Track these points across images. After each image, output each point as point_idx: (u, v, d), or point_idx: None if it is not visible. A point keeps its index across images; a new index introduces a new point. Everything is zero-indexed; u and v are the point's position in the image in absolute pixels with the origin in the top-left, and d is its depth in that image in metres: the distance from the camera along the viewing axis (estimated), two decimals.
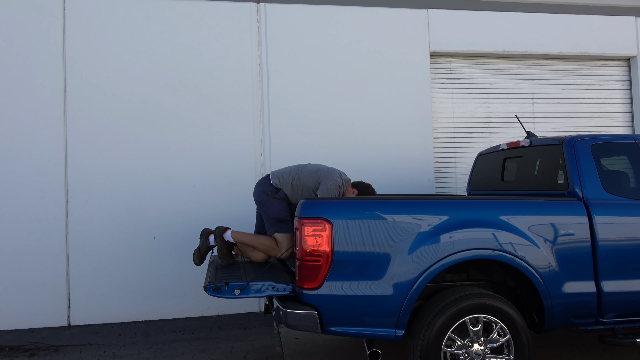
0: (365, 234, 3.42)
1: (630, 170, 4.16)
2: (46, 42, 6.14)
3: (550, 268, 3.62)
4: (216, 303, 6.30)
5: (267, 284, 3.51)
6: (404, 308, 3.39)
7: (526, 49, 7.37)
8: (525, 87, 7.58)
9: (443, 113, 7.31)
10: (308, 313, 3.34)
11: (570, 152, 4.02)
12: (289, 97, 6.64)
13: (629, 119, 7.86)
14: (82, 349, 5.16)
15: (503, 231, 3.57)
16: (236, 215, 6.39)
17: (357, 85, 6.83)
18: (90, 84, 6.22)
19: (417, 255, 3.42)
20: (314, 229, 3.37)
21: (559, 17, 7.47)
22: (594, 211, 3.79)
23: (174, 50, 6.41)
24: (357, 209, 3.47)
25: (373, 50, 6.90)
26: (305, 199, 3.51)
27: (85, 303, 6.07)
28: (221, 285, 3.48)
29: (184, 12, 6.45)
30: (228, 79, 6.50)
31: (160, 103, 6.35)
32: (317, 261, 3.36)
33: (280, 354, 4.83)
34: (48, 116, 6.10)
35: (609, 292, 3.73)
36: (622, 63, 7.89)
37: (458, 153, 7.32)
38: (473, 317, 3.47)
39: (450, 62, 7.37)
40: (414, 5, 7.03)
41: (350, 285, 3.39)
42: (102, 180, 6.15)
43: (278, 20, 6.67)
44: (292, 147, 6.59)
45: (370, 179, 6.73)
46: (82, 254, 6.09)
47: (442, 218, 3.53)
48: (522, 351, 3.51)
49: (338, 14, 6.83)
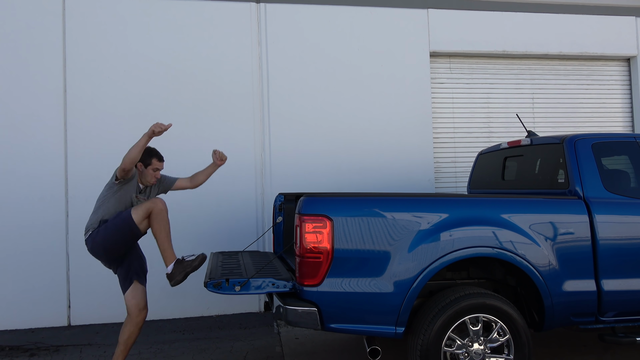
0: (366, 231, 3.42)
1: (631, 169, 4.16)
2: (46, 41, 6.14)
3: (551, 266, 3.62)
4: (216, 303, 6.29)
5: (267, 280, 3.51)
6: (404, 305, 3.38)
7: (526, 49, 7.37)
8: (525, 87, 7.58)
9: (443, 113, 7.32)
10: (308, 310, 3.33)
11: (571, 151, 4.02)
12: (289, 97, 6.64)
13: (629, 118, 7.86)
14: (82, 349, 5.15)
15: (503, 229, 3.57)
16: (236, 215, 6.39)
17: (357, 85, 6.83)
18: (91, 84, 6.22)
19: (417, 253, 3.42)
20: (314, 226, 3.36)
21: (559, 17, 7.47)
22: (594, 210, 3.79)
23: (174, 50, 6.41)
24: (357, 206, 3.47)
25: (373, 50, 6.90)
26: (305, 196, 3.49)
27: (85, 303, 6.06)
28: (221, 282, 3.47)
29: (184, 12, 6.45)
30: (228, 79, 6.50)
31: (161, 103, 6.35)
32: (318, 258, 3.35)
33: (280, 354, 4.82)
34: (48, 116, 6.10)
35: (609, 291, 3.72)
36: (622, 63, 7.90)
37: (458, 153, 7.32)
38: (473, 316, 3.47)
39: (450, 62, 7.37)
40: (414, 5, 7.04)
41: (351, 282, 3.39)
42: (102, 180, 6.08)
43: (278, 20, 6.67)
44: (292, 147, 6.60)
45: (370, 178, 6.74)
46: (82, 254, 6.05)
47: (442, 216, 3.52)
48: (522, 351, 3.50)
49: (338, 14, 6.83)
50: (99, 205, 4.14)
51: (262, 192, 6.50)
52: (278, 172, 6.54)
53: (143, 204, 4.07)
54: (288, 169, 6.57)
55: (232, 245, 6.25)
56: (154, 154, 4.33)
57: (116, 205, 4.10)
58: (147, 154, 4.25)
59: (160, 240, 4.07)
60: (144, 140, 3.93)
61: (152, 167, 4.29)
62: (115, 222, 3.99)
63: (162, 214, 4.03)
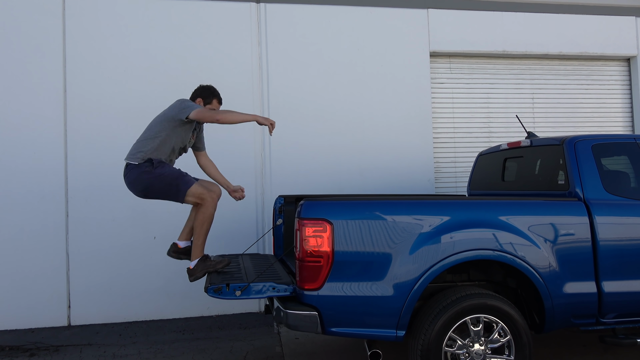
0: (366, 235, 3.41)
1: (631, 170, 4.16)
2: (46, 41, 6.13)
3: (551, 268, 3.62)
4: (216, 303, 6.29)
5: (267, 284, 3.51)
6: (404, 309, 3.38)
7: (526, 49, 7.37)
8: (525, 87, 7.58)
9: (443, 113, 7.31)
10: (309, 314, 3.33)
11: (570, 152, 4.02)
12: (289, 97, 6.64)
13: (629, 119, 7.86)
14: (82, 349, 5.16)
15: (503, 231, 3.57)
16: (236, 215, 6.38)
17: (357, 85, 6.82)
18: (91, 84, 6.21)
19: (418, 256, 3.41)
20: (314, 230, 3.36)
21: (559, 17, 7.47)
22: (594, 211, 3.79)
23: (174, 50, 6.40)
24: (358, 209, 3.46)
25: (373, 50, 6.89)
26: (305, 199, 3.50)
27: (85, 303, 6.06)
28: (222, 287, 3.48)
29: (184, 12, 6.44)
30: (228, 79, 6.49)
31: (161, 103, 6.30)
32: (318, 262, 3.35)
33: (280, 354, 4.83)
34: (48, 116, 6.09)
35: (609, 293, 3.72)
36: (622, 63, 7.89)
37: (458, 153, 7.32)
38: (474, 317, 3.47)
39: (450, 62, 7.37)
40: (414, 5, 7.03)
41: (351, 286, 3.38)
42: (102, 180, 6.13)
43: (278, 20, 6.66)
44: (292, 147, 6.59)
45: (370, 178, 6.74)
46: (82, 254, 6.08)
47: (443, 218, 3.52)
48: (522, 351, 3.50)
49: (338, 14, 6.82)
50: (153, 135, 4.03)
51: (262, 193, 6.50)
52: (278, 172, 6.54)
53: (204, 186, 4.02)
54: (288, 170, 6.57)
55: (232, 246, 6.24)
56: (216, 94, 4.37)
57: (169, 142, 4.06)
58: (210, 92, 4.32)
59: (197, 234, 4.03)
60: (248, 118, 3.96)
61: (212, 106, 4.32)
62: (169, 180, 3.93)
63: (211, 209, 4.02)
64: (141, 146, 4.03)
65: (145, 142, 4.04)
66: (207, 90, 4.32)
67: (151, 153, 4.00)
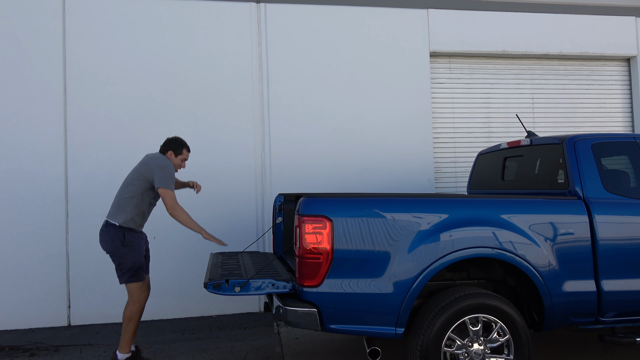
0: (366, 232, 3.41)
1: (631, 169, 4.16)
2: (46, 42, 6.14)
3: (551, 267, 3.62)
4: (216, 303, 6.29)
5: (267, 281, 3.50)
6: (403, 306, 3.38)
7: (526, 49, 7.37)
8: (525, 87, 7.58)
9: (443, 113, 7.32)
10: (308, 311, 3.33)
11: (570, 151, 4.02)
12: (289, 97, 6.65)
13: (629, 118, 7.86)
14: (82, 349, 5.16)
15: (503, 230, 3.57)
16: (236, 215, 6.39)
17: (357, 85, 6.83)
18: (91, 84, 6.22)
19: (417, 254, 3.41)
20: (314, 227, 3.36)
21: (559, 17, 7.47)
22: (594, 210, 3.79)
23: (174, 50, 6.41)
24: (357, 206, 3.47)
25: (373, 50, 6.90)
26: (305, 196, 3.50)
27: (85, 303, 6.06)
28: (221, 283, 3.47)
29: (184, 12, 6.45)
30: (228, 79, 6.50)
31: (161, 103, 6.36)
32: (317, 259, 3.35)
33: (280, 354, 4.82)
34: (48, 116, 6.10)
35: (609, 291, 3.72)
36: (622, 63, 7.90)
37: (458, 153, 7.32)
38: (473, 316, 3.47)
39: (450, 62, 7.37)
40: (414, 5, 7.04)
41: (350, 283, 3.39)
42: (102, 181, 6.14)
43: (278, 20, 6.67)
44: (292, 147, 6.60)
45: (370, 178, 6.74)
46: (82, 254, 6.08)
47: (442, 216, 3.52)
48: (522, 351, 3.50)
49: (338, 14, 6.83)
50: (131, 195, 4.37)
51: (262, 192, 6.50)
52: (278, 172, 6.54)
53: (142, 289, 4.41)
54: (288, 169, 6.57)
55: (232, 245, 6.23)
56: (185, 145, 4.71)
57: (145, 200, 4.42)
58: (179, 144, 4.66)
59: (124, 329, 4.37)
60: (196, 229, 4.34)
61: (182, 157, 4.69)
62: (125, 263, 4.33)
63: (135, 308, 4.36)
64: (121, 206, 4.38)
65: (124, 201, 4.38)
66: (175, 143, 4.66)
67: (131, 219, 4.35)
